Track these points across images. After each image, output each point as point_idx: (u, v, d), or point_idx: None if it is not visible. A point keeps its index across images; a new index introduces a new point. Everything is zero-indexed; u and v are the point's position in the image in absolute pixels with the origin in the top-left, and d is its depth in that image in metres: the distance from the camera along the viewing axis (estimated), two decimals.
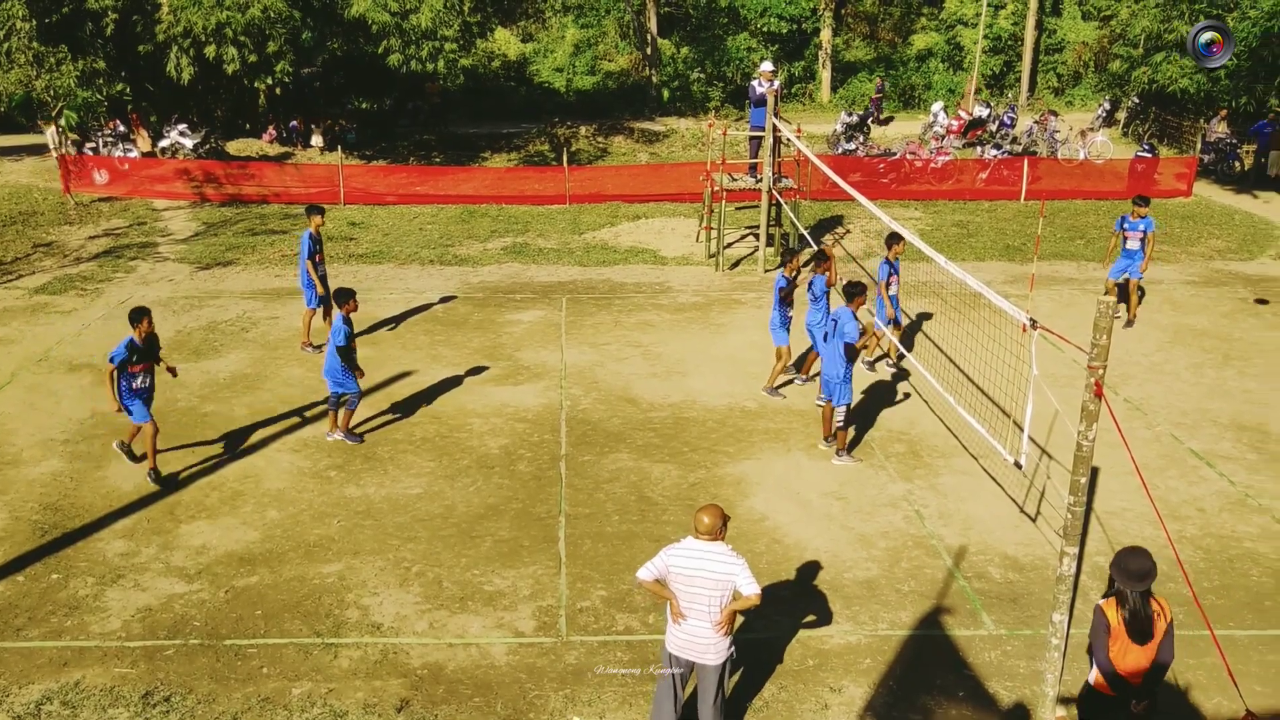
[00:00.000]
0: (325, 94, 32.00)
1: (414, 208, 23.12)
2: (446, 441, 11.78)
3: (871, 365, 13.95)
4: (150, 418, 10.73)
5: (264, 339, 14.95)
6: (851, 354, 10.91)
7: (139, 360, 10.56)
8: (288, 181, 23.83)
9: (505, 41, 39.20)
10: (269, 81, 24.25)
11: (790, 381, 13.45)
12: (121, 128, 26.23)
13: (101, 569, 9.20)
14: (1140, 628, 6.12)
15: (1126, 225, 15.48)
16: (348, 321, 11.41)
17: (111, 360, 10.36)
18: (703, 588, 6.48)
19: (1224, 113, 28.20)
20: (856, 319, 10.96)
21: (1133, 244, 15.46)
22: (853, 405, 11.28)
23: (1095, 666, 6.33)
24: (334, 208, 22.96)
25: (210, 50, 22.59)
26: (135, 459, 10.94)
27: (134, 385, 10.58)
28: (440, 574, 9.19)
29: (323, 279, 14.34)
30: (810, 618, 8.63)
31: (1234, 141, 27.56)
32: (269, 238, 20.44)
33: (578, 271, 18.63)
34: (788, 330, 12.89)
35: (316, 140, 28.36)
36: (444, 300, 16.84)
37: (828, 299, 12.76)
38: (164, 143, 25.95)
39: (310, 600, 8.80)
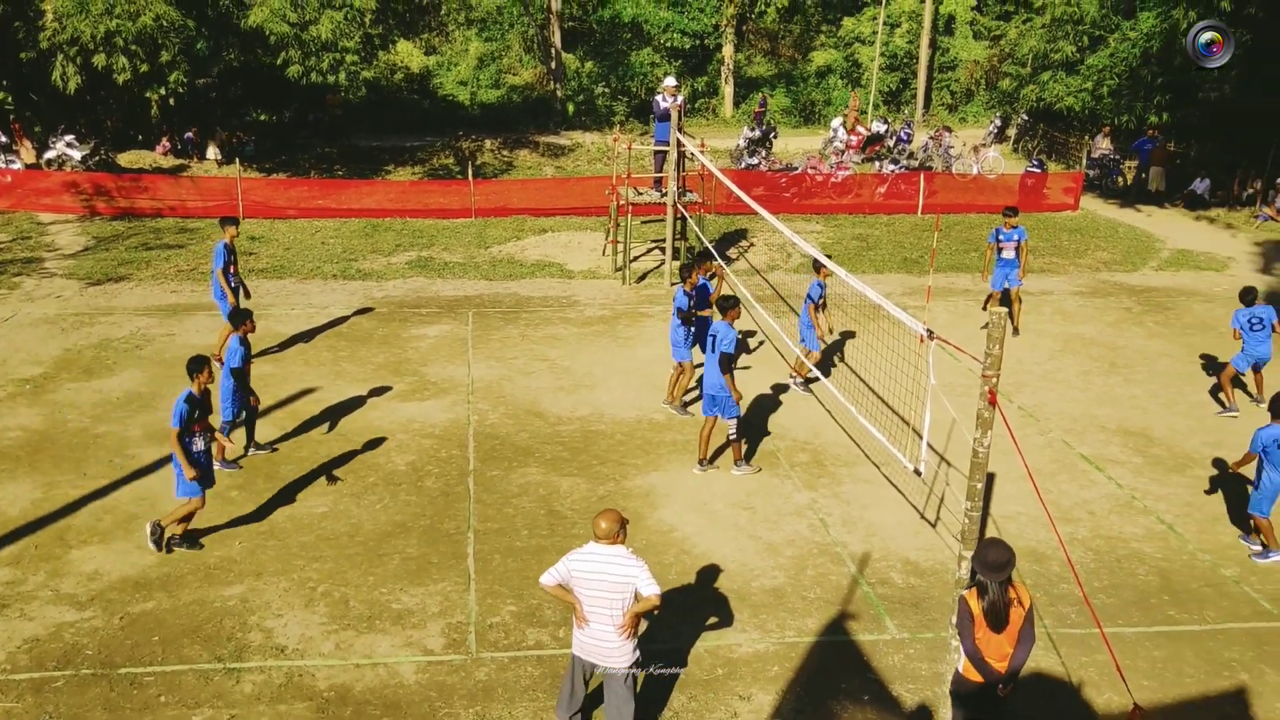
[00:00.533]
0: (222, 105, 31.22)
1: (316, 221, 22.71)
2: (352, 459, 11.58)
3: (806, 385, 13.99)
4: (201, 493, 9.43)
5: (159, 356, 14.51)
6: (727, 365, 10.91)
7: (199, 417, 9.36)
8: (183, 194, 23.17)
9: (408, 54, 38.81)
10: (162, 92, 23.56)
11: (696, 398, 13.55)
12: (3, 138, 25.19)
13: None
14: (998, 616, 6.40)
15: (1001, 236, 16.03)
16: (244, 343, 11.13)
17: (175, 424, 9.17)
18: (604, 591, 6.63)
19: (1107, 129, 29.46)
20: (734, 330, 11.02)
21: (1008, 253, 16.05)
22: (741, 416, 11.37)
23: (963, 654, 6.60)
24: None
25: (99, 59, 21.86)
26: (163, 545, 9.56)
27: (190, 450, 9.31)
28: (347, 593, 9.03)
29: (237, 290, 14.06)
30: (719, 627, 8.72)
31: (1117, 157, 28.81)
32: (164, 252, 19.85)
33: (484, 285, 18.53)
34: (689, 346, 12.94)
35: (212, 152, 27.64)
36: (348, 315, 16.58)
37: (710, 305, 12.87)
38: (50, 154, 24.98)
39: (211, 624, 8.56)
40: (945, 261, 20.55)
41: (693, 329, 12.82)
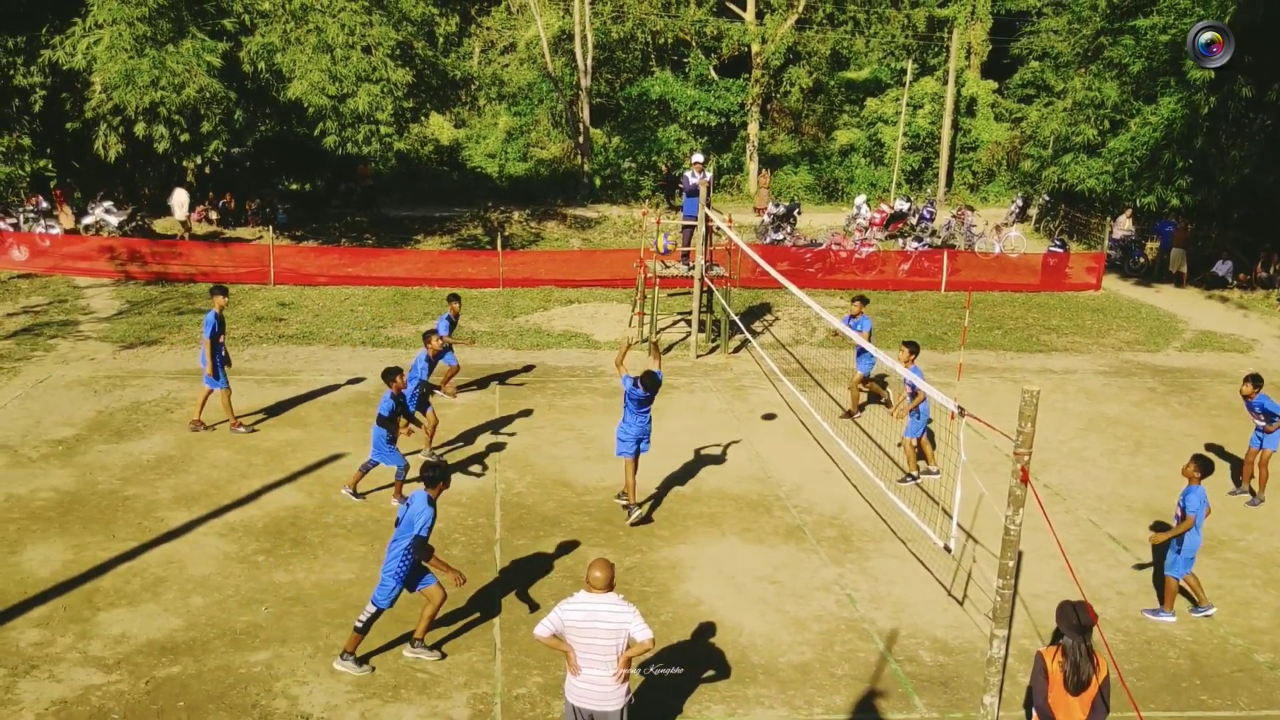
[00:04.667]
0: (255, 174, 31.94)
1: (345, 289, 23.06)
2: (379, 525, 11.62)
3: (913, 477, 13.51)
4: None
5: (190, 420, 14.66)
6: (423, 550, 8.72)
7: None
8: (216, 261, 23.63)
9: (438, 127, 39.69)
10: (199, 160, 24.18)
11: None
12: (44, 204, 25.83)
13: (14, 659, 8.83)
14: (1078, 679, 6.34)
15: (853, 323, 15.36)
16: (394, 398, 11.76)
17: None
18: (598, 638, 6.77)
19: (1129, 211, 29.66)
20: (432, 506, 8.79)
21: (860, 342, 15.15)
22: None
23: (1035, 712, 6.51)
24: (264, 288, 22.82)
25: (140, 128, 22.50)
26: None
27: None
28: (372, 661, 9.02)
29: (225, 359, 14.26)
30: (745, 702, 8.64)
31: (1139, 239, 28.95)
32: (196, 317, 20.12)
33: (511, 354, 18.70)
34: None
35: (198, 212, 27.49)
36: (377, 383, 16.73)
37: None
38: (88, 220, 25.59)
39: (236, 690, 8.55)
40: (970, 339, 20.60)
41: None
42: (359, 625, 8.85)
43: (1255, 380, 13.06)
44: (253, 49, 23.68)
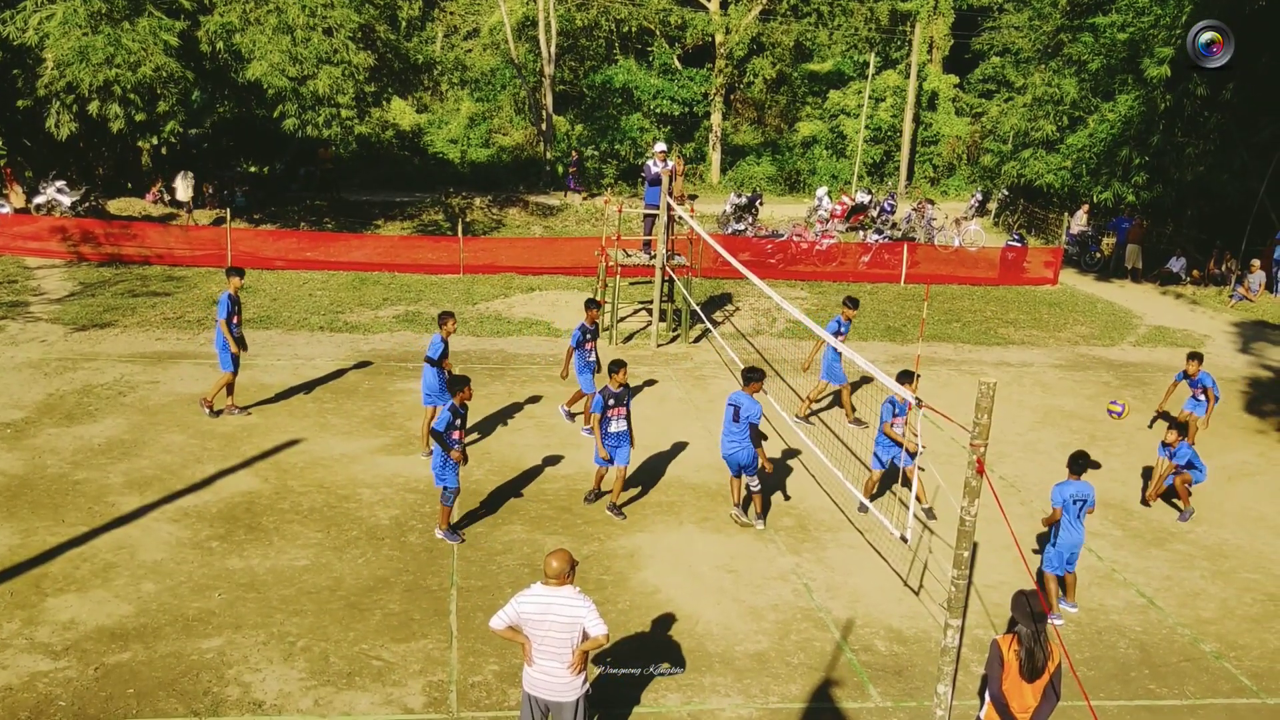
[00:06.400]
0: (213, 156, 31.44)
1: (304, 273, 22.78)
2: (335, 512, 11.52)
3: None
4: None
5: (143, 403, 14.44)
6: (758, 437, 11.18)
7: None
8: (172, 243, 23.23)
9: (400, 111, 39.30)
10: (154, 141, 23.75)
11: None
12: None
13: None
14: (1033, 666, 6.45)
15: (842, 328, 15.15)
16: (453, 411, 10.63)
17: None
18: (553, 630, 6.76)
19: (1086, 206, 30.03)
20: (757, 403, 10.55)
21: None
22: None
23: (988, 699, 6.60)
24: (220, 271, 22.47)
25: (94, 107, 22.06)
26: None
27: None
28: (327, 648, 8.94)
29: (239, 340, 14.11)
30: (702, 691, 8.66)
31: (1095, 235, 29.34)
32: (150, 300, 19.85)
33: (471, 342, 18.58)
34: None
35: (151, 197, 26.57)
36: (334, 367, 16.57)
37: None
38: (39, 199, 25.06)
39: (187, 677, 8.44)
40: (928, 331, 20.77)
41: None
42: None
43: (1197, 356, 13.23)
44: (211, 28, 23.28)
